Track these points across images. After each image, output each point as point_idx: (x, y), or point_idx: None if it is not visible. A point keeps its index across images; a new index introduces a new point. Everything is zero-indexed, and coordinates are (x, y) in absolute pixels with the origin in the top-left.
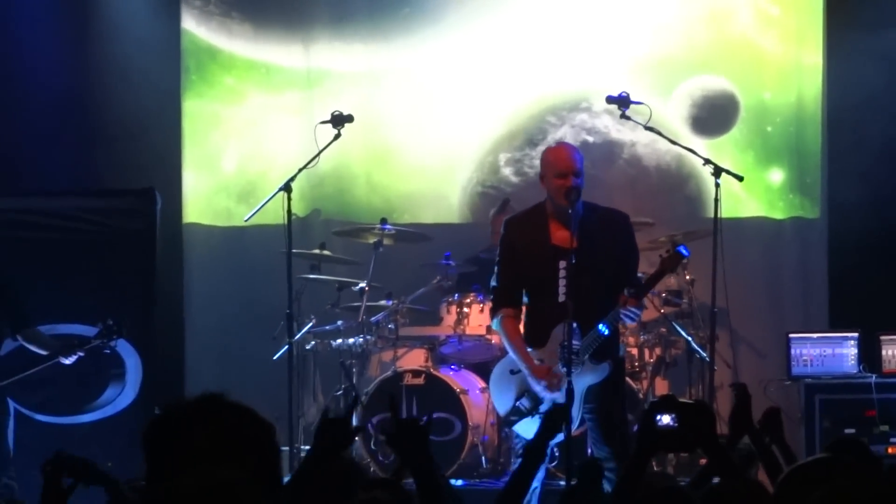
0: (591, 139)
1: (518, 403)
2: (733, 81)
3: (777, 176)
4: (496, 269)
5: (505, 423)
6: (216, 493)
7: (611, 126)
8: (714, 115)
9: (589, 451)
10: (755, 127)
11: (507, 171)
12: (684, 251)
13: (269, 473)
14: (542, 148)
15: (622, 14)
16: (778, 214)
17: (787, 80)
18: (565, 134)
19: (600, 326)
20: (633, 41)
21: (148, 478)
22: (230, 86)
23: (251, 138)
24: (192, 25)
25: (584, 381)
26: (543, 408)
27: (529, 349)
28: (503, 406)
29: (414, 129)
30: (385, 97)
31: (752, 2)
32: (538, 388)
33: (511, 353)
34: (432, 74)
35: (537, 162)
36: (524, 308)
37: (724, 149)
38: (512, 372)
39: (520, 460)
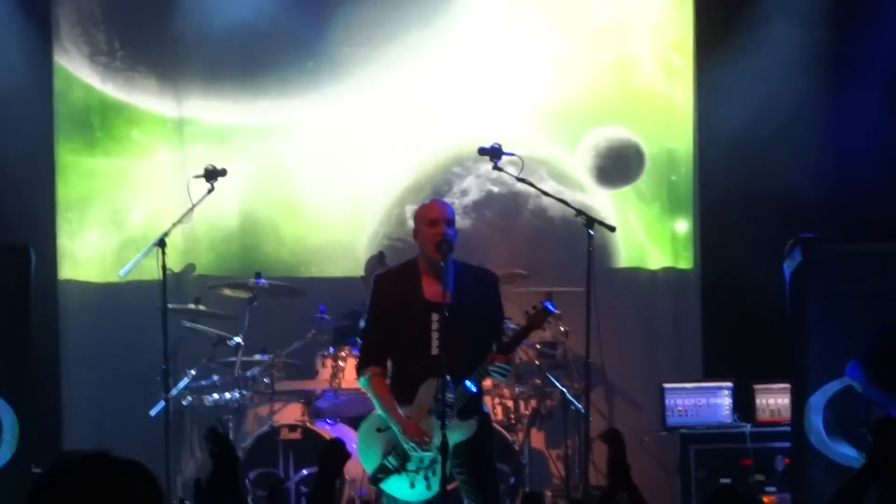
0: (496, 189)
1: (385, 461)
2: (637, 132)
3: (682, 226)
4: (365, 326)
5: (372, 481)
6: None
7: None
8: (618, 165)
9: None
10: (660, 177)
11: (413, 223)
12: (551, 307)
13: None
14: (448, 199)
15: (526, 65)
16: (683, 264)
17: (686, 129)
18: (471, 184)
19: (468, 383)
20: (538, 91)
21: None
22: (138, 140)
23: (158, 193)
24: (98, 82)
25: (452, 438)
26: (411, 466)
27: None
28: (370, 464)
29: (320, 182)
30: (292, 151)
31: (655, 51)
32: (408, 447)
33: (381, 412)
34: (337, 127)
35: None
36: (390, 367)
37: (628, 199)
38: (378, 430)
39: None
